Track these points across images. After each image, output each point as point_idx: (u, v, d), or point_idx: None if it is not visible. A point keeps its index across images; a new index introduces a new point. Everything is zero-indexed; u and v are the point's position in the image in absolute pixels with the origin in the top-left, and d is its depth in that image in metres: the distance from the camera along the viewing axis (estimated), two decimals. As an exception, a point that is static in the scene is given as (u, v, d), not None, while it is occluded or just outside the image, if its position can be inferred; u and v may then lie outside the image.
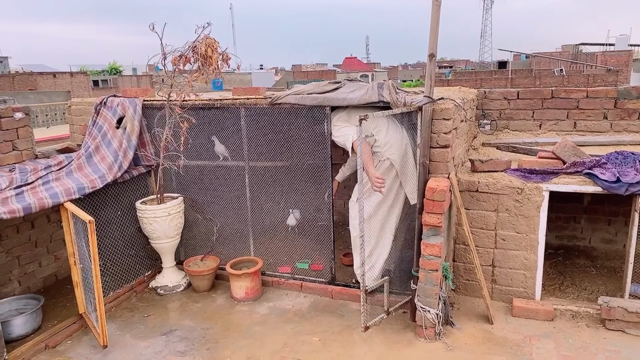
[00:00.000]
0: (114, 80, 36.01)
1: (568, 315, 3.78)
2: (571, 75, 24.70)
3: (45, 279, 4.63)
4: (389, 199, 3.99)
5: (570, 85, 21.32)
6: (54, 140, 11.60)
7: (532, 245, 3.88)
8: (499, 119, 5.41)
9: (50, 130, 15.35)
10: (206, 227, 4.73)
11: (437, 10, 3.48)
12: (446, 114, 3.68)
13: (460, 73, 31.80)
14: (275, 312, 4.08)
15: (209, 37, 3.76)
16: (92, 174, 4.10)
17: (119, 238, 4.34)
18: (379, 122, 3.87)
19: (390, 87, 3.85)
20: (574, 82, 22.34)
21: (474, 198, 3.99)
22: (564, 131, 5.14)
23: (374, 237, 4.00)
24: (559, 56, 36.40)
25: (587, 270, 4.57)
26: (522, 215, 3.86)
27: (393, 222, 4.05)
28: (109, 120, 4.52)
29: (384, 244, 4.05)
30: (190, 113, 4.14)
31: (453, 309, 3.95)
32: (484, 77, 26.03)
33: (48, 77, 28.68)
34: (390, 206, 4.01)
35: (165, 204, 4.30)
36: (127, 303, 4.31)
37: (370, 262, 3.95)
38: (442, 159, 3.75)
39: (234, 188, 4.57)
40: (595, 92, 5.03)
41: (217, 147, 4.51)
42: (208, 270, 4.43)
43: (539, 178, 3.82)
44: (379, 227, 4.02)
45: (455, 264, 4.16)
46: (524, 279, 3.95)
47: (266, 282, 4.50)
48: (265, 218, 4.64)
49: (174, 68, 3.97)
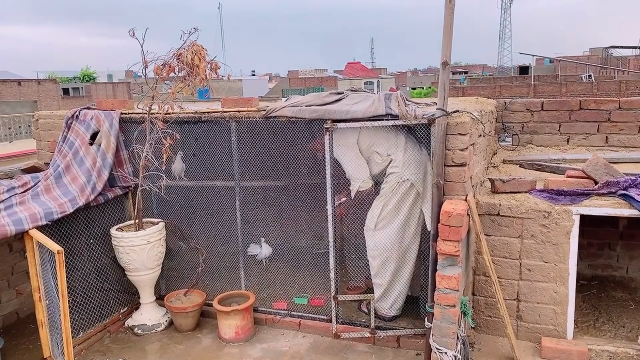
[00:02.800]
0: (86, 89, 36.27)
1: (605, 356, 3.76)
2: (601, 81, 24.97)
3: (5, 317, 4.60)
4: (411, 224, 4.09)
5: (600, 93, 21.54)
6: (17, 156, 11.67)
7: (562, 276, 3.87)
8: (522, 133, 5.44)
9: (13, 145, 15.43)
10: (191, 257, 4.71)
11: (450, 13, 3.53)
12: (462, 129, 3.71)
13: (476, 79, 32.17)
14: (269, 355, 4.06)
15: (196, 43, 3.81)
16: (61, 196, 4.11)
17: (91, 270, 4.33)
18: (396, 141, 3.96)
19: (398, 98, 3.89)
20: (604, 89, 22.55)
21: (495, 223, 3.99)
22: (594, 146, 5.17)
23: (392, 266, 4.12)
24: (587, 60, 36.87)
25: (625, 305, 4.55)
26: (549, 242, 3.86)
27: (414, 249, 4.16)
28: (81, 135, 4.54)
29: (405, 273, 4.16)
30: (173, 127, 4.17)
31: (473, 349, 3.93)
32: (503, 84, 26.32)
33: (12, 84, 28.89)
34: (414, 233, 4.12)
35: (145, 231, 4.30)
36: (99, 345, 4.27)
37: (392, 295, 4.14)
38: (459, 179, 3.77)
39: (223, 212, 4.58)
40: (629, 102, 5.08)
41: (177, 164, 4.51)
42: (193, 306, 4.41)
43: (568, 200, 3.83)
44: (398, 255, 4.12)
45: (475, 298, 4.15)
46: (553, 314, 3.93)
47: (259, 319, 4.48)
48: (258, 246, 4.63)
49: (156, 78, 4.01)
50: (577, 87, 23.58)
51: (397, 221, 4.03)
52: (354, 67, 64.06)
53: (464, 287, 3.76)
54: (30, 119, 18.69)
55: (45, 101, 28.04)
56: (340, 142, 4.06)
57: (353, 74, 56.95)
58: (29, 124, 18.54)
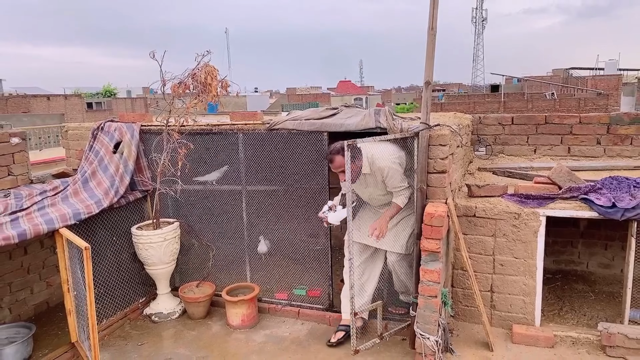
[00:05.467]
0: (108, 103, 36.16)
1: (568, 341, 3.77)
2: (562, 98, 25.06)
3: (36, 306, 4.56)
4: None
5: (562, 109, 21.63)
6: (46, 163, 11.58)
7: (530, 271, 3.88)
8: (494, 144, 5.47)
9: (43, 153, 15.32)
10: (202, 253, 4.70)
11: (432, 39, 3.55)
12: (442, 140, 3.73)
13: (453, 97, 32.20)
14: (272, 340, 4.04)
15: (208, 64, 3.81)
16: (88, 199, 4.09)
17: (114, 264, 4.30)
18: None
19: (387, 113, 3.91)
20: (566, 105, 22.65)
21: (471, 223, 4.01)
22: (558, 156, 5.20)
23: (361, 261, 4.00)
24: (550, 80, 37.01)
25: (585, 296, 4.57)
26: (519, 240, 3.88)
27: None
28: (106, 145, 4.53)
29: (374, 268, 4.05)
30: (187, 138, 4.16)
31: (452, 335, 3.92)
32: (477, 101, 26.36)
33: (42, 99, 28.79)
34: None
35: (162, 230, 4.28)
36: (120, 331, 4.24)
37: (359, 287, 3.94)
38: (440, 185, 3.78)
39: (231, 212, 4.57)
40: (588, 117, 5.11)
41: (215, 173, 4.51)
42: (204, 296, 4.39)
43: (536, 203, 3.85)
44: (370, 251, 4.02)
45: (454, 290, 4.15)
46: (523, 304, 3.95)
47: (263, 308, 4.46)
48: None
49: (173, 94, 4.01)
50: (542, 104, 23.67)
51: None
52: (345, 85, 64.17)
53: (444, 280, 3.77)
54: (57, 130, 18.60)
55: (71, 114, 27.91)
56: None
57: (344, 91, 57.00)
58: (56, 134, 18.45)
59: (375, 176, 3.77)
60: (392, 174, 3.70)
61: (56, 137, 18.20)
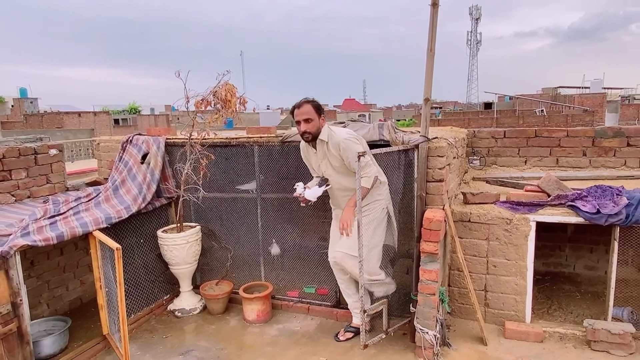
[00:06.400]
0: (133, 119, 36.51)
1: (556, 337, 3.78)
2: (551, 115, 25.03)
3: (71, 302, 4.64)
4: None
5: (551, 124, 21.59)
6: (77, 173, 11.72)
7: (521, 272, 3.90)
8: (488, 156, 5.50)
9: (75, 165, 15.51)
10: (221, 254, 4.76)
11: (431, 59, 3.62)
12: (440, 152, 3.78)
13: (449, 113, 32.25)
14: (284, 333, 4.08)
15: (228, 83, 3.90)
16: (118, 205, 4.17)
17: (141, 264, 4.37)
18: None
19: (389, 127, 3.96)
20: (554, 121, 22.62)
21: (466, 228, 4.04)
22: (547, 167, 5.23)
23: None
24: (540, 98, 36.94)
25: (572, 295, 4.57)
26: (511, 243, 3.90)
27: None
28: (134, 156, 4.62)
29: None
30: (208, 150, 4.25)
31: (449, 330, 3.94)
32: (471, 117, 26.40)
33: (73, 116, 29.17)
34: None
35: (185, 233, 4.35)
36: (146, 325, 4.30)
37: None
38: (438, 192, 3.82)
39: (247, 218, 4.63)
40: (574, 131, 5.15)
41: (252, 184, 4.51)
42: (222, 294, 4.44)
43: (526, 210, 3.88)
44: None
45: (450, 289, 4.18)
46: (514, 303, 3.96)
47: (276, 305, 4.51)
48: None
49: (195, 110, 4.10)
50: (532, 120, 23.65)
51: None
52: (350, 102, 64.35)
53: (441, 279, 3.80)
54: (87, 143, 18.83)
55: (100, 129, 28.23)
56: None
57: (349, 108, 57.17)
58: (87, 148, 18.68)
59: (335, 156, 3.55)
60: (347, 148, 3.44)
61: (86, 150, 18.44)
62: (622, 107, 30.53)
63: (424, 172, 3.76)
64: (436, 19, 3.51)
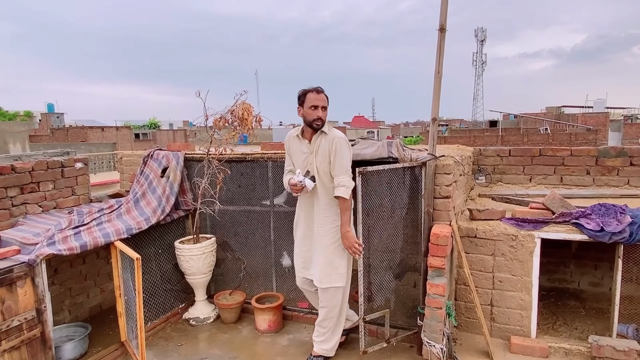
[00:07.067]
0: (153, 134, 36.96)
1: (561, 352, 3.70)
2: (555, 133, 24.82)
3: (91, 309, 4.67)
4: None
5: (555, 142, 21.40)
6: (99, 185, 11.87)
7: (526, 287, 3.85)
8: (493, 173, 5.48)
9: (97, 177, 15.70)
10: (234, 265, 4.77)
11: (438, 80, 3.65)
12: (447, 169, 3.78)
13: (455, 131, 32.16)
14: (294, 343, 4.05)
15: (245, 102, 3.95)
16: (138, 216, 4.22)
17: (158, 273, 4.40)
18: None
19: (398, 145, 3.98)
20: (558, 139, 22.43)
21: (472, 243, 4.01)
22: (551, 184, 5.18)
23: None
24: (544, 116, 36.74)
25: (577, 311, 4.49)
26: (516, 259, 3.86)
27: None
28: (154, 170, 4.68)
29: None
30: (225, 165, 4.29)
31: (456, 344, 3.89)
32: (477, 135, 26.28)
33: (97, 130, 29.69)
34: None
35: (201, 244, 4.38)
36: (162, 332, 4.31)
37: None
38: (444, 208, 3.81)
39: (260, 230, 4.64)
40: (578, 151, 5.11)
41: (281, 197, 4.52)
42: (235, 303, 4.44)
43: (531, 226, 3.84)
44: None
45: (457, 303, 4.13)
46: (520, 318, 3.90)
47: (287, 315, 4.49)
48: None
49: (213, 127, 4.16)
50: (537, 138, 23.47)
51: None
52: (359, 119, 64.54)
53: (448, 293, 3.76)
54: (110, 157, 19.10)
55: (122, 143, 28.64)
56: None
57: (358, 124, 57.30)
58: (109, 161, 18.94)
59: (324, 152, 3.43)
60: (339, 148, 3.34)
61: (108, 163, 18.69)
62: (625, 126, 30.22)
63: (431, 188, 3.75)
64: (443, 43, 3.55)
